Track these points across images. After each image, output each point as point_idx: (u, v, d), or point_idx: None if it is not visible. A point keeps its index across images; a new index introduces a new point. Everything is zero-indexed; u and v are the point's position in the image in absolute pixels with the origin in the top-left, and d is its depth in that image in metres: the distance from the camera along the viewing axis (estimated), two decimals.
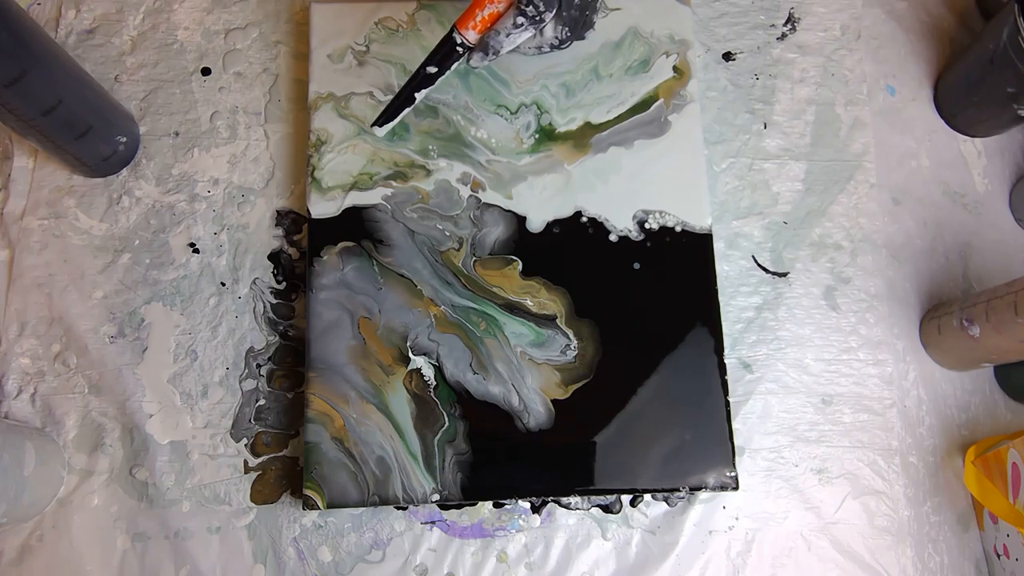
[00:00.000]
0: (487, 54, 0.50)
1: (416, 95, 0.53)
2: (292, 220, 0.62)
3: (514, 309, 0.56)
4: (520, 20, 0.48)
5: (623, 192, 0.59)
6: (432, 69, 0.51)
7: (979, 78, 0.62)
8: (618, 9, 0.63)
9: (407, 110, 0.54)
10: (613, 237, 0.58)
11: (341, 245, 0.57)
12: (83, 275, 0.60)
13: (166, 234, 0.61)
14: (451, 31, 0.50)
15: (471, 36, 0.50)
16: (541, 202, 0.59)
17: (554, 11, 0.48)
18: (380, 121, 0.54)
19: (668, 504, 0.57)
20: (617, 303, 0.57)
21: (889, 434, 0.60)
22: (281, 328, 0.60)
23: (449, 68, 0.52)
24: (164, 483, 0.56)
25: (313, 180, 0.59)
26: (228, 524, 0.56)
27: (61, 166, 0.62)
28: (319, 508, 0.52)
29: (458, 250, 0.57)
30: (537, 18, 0.48)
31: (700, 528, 0.57)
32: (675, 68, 0.62)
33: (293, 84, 0.65)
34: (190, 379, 0.58)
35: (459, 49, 0.50)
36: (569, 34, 0.50)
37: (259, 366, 0.59)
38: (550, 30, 0.49)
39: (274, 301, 0.60)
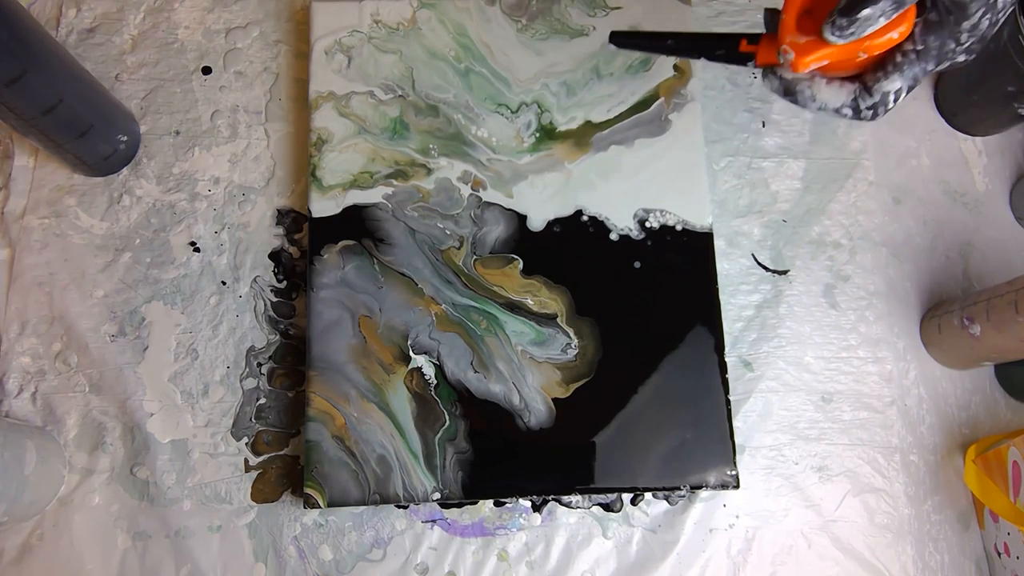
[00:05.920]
0: (791, 94, 0.42)
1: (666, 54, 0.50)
2: (293, 219, 0.62)
3: (515, 308, 0.56)
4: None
5: (624, 191, 0.59)
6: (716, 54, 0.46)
7: (979, 77, 0.62)
8: (619, 8, 0.63)
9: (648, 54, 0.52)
10: (614, 236, 0.58)
11: (342, 244, 0.57)
12: (84, 274, 0.60)
13: (167, 233, 0.61)
14: (750, 60, 0.44)
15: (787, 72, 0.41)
16: (542, 201, 0.59)
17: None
18: (620, 41, 0.50)
19: (669, 502, 0.57)
20: (618, 302, 0.57)
21: (889, 432, 0.60)
22: (282, 327, 0.60)
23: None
24: (165, 482, 0.56)
25: (314, 179, 0.59)
26: (229, 523, 0.56)
27: (62, 165, 0.62)
28: (320, 507, 0.52)
29: (459, 249, 0.57)
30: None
31: (701, 526, 0.57)
32: (676, 67, 0.62)
33: (294, 83, 0.65)
34: (191, 378, 0.58)
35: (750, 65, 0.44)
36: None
37: (260, 365, 0.59)
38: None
39: (275, 300, 0.60)
